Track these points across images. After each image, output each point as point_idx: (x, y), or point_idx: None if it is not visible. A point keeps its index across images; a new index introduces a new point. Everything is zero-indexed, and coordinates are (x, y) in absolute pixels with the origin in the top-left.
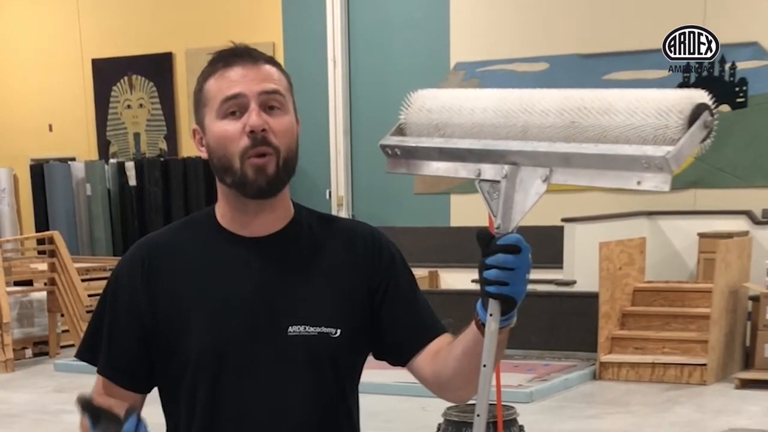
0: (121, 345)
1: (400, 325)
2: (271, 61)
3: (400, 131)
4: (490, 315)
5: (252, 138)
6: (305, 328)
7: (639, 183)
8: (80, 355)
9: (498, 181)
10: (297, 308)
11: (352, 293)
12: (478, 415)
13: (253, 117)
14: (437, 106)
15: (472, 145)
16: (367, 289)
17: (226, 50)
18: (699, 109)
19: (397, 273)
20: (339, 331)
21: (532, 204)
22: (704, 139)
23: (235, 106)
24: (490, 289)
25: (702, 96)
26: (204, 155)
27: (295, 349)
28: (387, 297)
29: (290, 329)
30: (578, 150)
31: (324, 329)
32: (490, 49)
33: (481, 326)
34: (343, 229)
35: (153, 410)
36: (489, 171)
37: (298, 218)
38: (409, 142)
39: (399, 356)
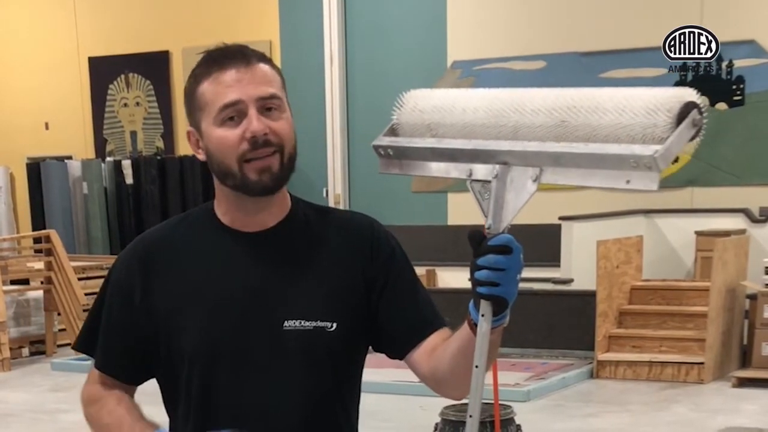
0: (118, 340)
1: (398, 319)
2: (264, 58)
3: (393, 131)
4: (482, 315)
5: (252, 142)
6: (301, 323)
7: (628, 182)
8: (78, 347)
9: (489, 181)
10: (292, 303)
11: (348, 286)
12: (470, 416)
13: (254, 123)
14: (429, 107)
15: (463, 145)
16: (364, 281)
17: (217, 51)
18: (687, 108)
19: (396, 266)
20: (335, 324)
21: (522, 204)
22: (693, 138)
23: (233, 112)
24: (481, 290)
25: (691, 94)
26: (201, 157)
27: (290, 343)
28: (385, 290)
29: (286, 324)
30: (568, 149)
31: (320, 323)
32: (486, 48)
33: (474, 326)
34: (341, 221)
35: (154, 410)
36: (480, 171)
37: (294, 212)
38: (402, 142)
39: (396, 350)
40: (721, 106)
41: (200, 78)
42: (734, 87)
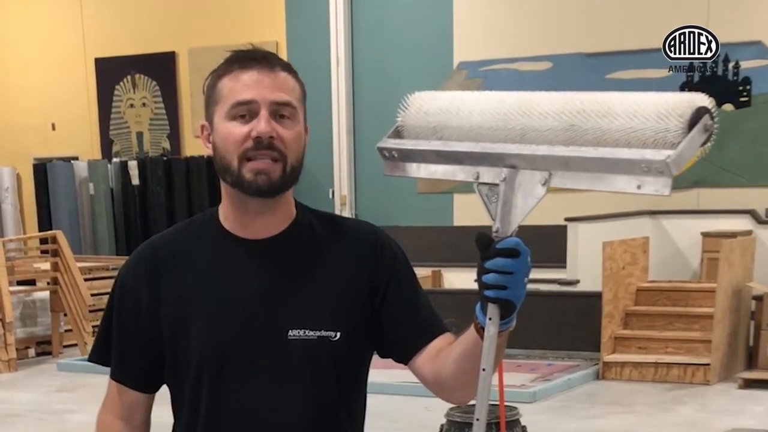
0: (129, 349)
1: (401, 324)
2: (288, 68)
3: (398, 134)
4: (489, 319)
5: (256, 142)
6: (305, 332)
7: (639, 187)
8: (93, 359)
9: (497, 184)
10: (297, 312)
11: (353, 294)
12: (477, 419)
13: (262, 124)
14: (435, 109)
15: (470, 147)
16: (368, 288)
17: (244, 51)
18: (699, 113)
19: (398, 272)
20: (339, 334)
21: (531, 207)
22: (704, 143)
23: (245, 111)
24: (489, 293)
25: (702, 99)
26: (209, 151)
27: (295, 353)
28: (388, 296)
29: (290, 333)
30: (578, 153)
31: (324, 333)
32: (493, 49)
33: (480, 330)
34: (345, 229)
35: (161, 410)
36: (487, 174)
37: (299, 220)
38: (407, 144)
39: (399, 355)
40: (728, 107)
41: (222, 74)
42: (741, 88)
